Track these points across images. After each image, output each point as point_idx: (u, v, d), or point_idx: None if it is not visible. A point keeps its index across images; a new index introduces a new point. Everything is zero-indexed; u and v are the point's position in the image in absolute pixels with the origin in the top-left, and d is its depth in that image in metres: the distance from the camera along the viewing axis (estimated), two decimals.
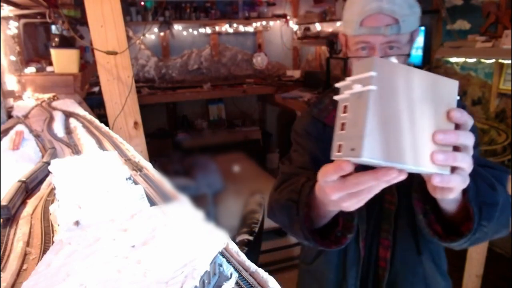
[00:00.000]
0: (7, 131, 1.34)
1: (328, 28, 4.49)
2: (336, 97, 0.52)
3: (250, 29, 5.30)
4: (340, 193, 0.55)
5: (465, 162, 0.52)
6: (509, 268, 2.23)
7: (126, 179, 0.72)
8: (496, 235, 0.76)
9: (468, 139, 0.52)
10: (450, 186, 0.53)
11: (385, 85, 0.47)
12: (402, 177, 0.49)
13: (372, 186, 0.52)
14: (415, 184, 0.74)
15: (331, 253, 0.98)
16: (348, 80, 0.50)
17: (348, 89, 0.49)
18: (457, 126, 0.53)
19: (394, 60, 0.88)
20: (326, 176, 0.55)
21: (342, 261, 0.98)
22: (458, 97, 0.51)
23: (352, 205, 0.57)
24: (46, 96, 2.36)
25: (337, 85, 0.52)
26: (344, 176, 0.54)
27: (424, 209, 0.73)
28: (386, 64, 0.48)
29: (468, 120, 0.52)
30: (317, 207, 0.72)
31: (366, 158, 0.45)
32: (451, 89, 0.51)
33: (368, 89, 0.46)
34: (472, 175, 0.56)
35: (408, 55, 0.92)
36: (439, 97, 0.50)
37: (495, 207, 0.69)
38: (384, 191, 0.53)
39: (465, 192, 0.62)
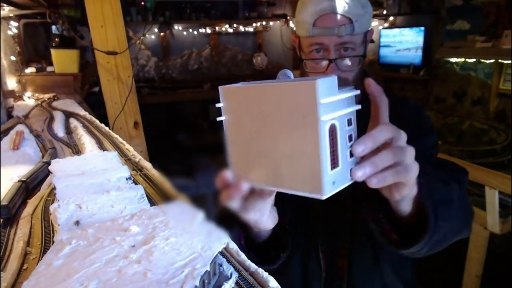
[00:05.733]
0: (7, 131, 1.34)
1: None
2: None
3: (250, 29, 5.31)
4: (233, 201, 0.53)
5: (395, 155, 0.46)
6: (509, 268, 2.23)
7: (126, 179, 0.73)
8: (456, 237, 0.71)
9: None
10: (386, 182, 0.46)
11: (238, 110, 0.48)
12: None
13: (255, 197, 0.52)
14: (365, 192, 0.61)
15: (292, 267, 0.92)
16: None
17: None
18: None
19: (347, 62, 0.86)
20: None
21: (304, 275, 0.92)
22: (322, 100, 0.40)
23: (253, 216, 0.55)
24: (46, 96, 2.36)
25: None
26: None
27: (376, 218, 0.66)
28: (235, 90, 0.48)
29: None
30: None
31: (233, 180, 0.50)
32: (305, 94, 0.41)
33: (222, 119, 0.49)
34: (425, 173, 0.52)
35: (363, 56, 0.88)
36: (295, 108, 0.42)
37: (451, 205, 0.64)
38: (339, 195, 0.50)
39: (418, 192, 0.57)
